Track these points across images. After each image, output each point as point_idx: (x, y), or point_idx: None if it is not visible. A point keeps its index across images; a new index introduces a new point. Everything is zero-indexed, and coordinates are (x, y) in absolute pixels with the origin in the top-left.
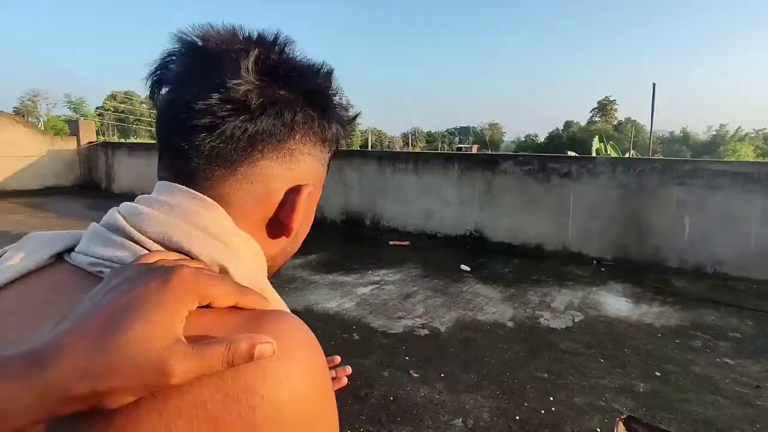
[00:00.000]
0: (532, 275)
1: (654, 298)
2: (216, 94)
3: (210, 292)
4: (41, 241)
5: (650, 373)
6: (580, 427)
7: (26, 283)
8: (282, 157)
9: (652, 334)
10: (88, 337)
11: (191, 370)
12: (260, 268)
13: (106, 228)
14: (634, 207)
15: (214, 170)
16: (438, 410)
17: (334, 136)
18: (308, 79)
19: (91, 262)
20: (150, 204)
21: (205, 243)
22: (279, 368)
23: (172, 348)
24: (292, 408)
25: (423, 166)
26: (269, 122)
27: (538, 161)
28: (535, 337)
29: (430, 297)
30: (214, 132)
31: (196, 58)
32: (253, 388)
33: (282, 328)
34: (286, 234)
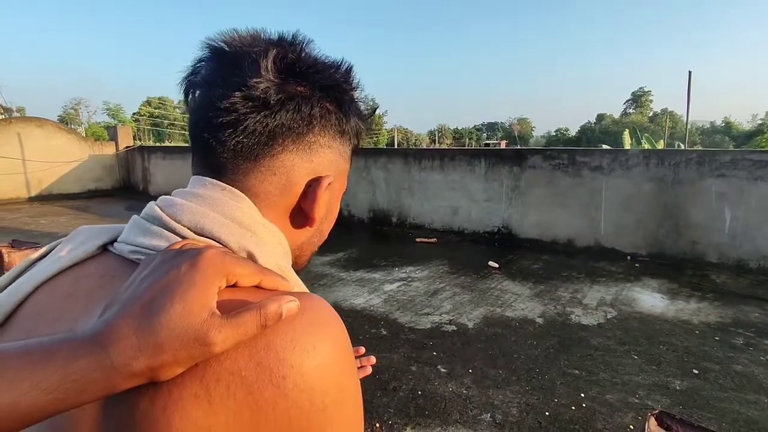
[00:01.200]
0: (562, 271)
1: (692, 294)
2: (238, 93)
3: (235, 271)
4: (89, 233)
5: (687, 370)
6: (612, 424)
7: (78, 270)
8: (302, 149)
9: (689, 330)
10: (135, 321)
11: (230, 337)
12: (284, 256)
13: (146, 219)
14: (669, 200)
15: (239, 164)
16: (466, 405)
17: (353, 130)
18: (325, 74)
19: (131, 250)
20: (184, 196)
21: (233, 231)
22: (306, 340)
23: (209, 321)
24: (319, 378)
25: (449, 162)
26: (288, 116)
27: (567, 155)
28: (565, 334)
29: (457, 293)
30: (238, 128)
31: (221, 62)
32: (283, 358)
33: (308, 305)
34: (309, 224)
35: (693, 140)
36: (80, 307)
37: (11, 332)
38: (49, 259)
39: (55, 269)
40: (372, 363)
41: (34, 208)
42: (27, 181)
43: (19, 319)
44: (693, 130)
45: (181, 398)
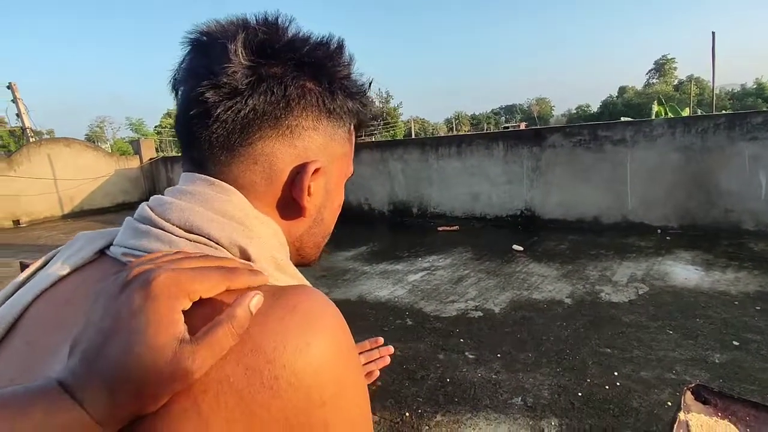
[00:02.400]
0: (590, 250)
1: (728, 264)
2: (206, 82)
3: (194, 287)
4: (87, 239)
5: (727, 342)
6: (648, 402)
7: (77, 276)
8: (283, 134)
9: (727, 302)
10: (101, 372)
11: (206, 359)
12: (281, 247)
13: (137, 220)
14: (699, 169)
15: (218, 155)
16: (496, 390)
17: (343, 109)
18: (302, 51)
19: (123, 252)
20: (174, 194)
21: (223, 225)
22: (298, 338)
23: (180, 351)
24: (315, 375)
25: (466, 148)
26: (261, 100)
27: (588, 131)
28: (595, 313)
29: (482, 279)
30: (210, 119)
31: (197, 53)
32: (273, 359)
33: (300, 300)
34: (302, 213)
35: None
36: (79, 315)
37: (13, 343)
38: (49, 268)
39: (54, 278)
40: (390, 353)
41: (68, 225)
42: (60, 199)
43: (21, 330)
44: (722, 95)
45: (168, 415)
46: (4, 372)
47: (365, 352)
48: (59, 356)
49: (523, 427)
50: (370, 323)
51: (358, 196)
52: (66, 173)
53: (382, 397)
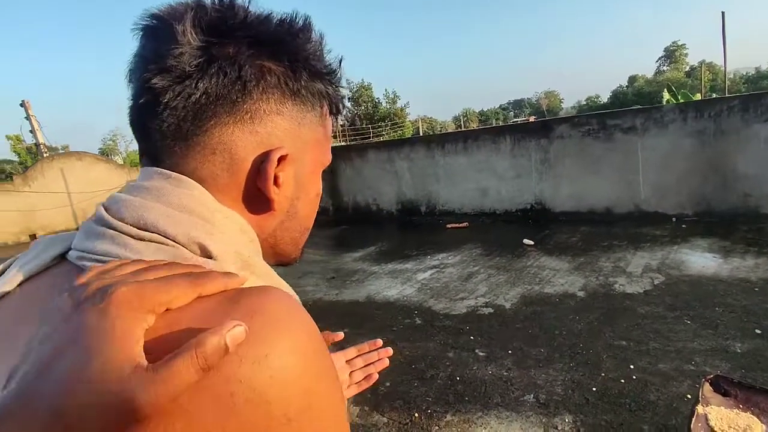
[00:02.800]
0: (602, 241)
1: (747, 251)
2: (153, 66)
3: (160, 299)
4: (46, 243)
5: (749, 331)
6: (666, 394)
7: (32, 284)
8: (240, 119)
9: (748, 289)
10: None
11: (161, 395)
12: (249, 244)
13: (93, 221)
14: (713, 154)
15: (172, 147)
16: (507, 387)
17: (310, 90)
18: (258, 29)
19: (77, 256)
20: (129, 191)
21: (180, 221)
22: (256, 350)
23: (131, 380)
24: (277, 389)
25: (472, 143)
26: (213, 83)
27: (596, 120)
28: (609, 305)
29: (492, 275)
30: (159, 107)
31: (145, 39)
32: (229, 375)
33: (260, 304)
34: (272, 206)
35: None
36: (28, 326)
37: None
38: (6, 276)
39: (9, 287)
40: (389, 354)
41: None
42: (74, 212)
43: None
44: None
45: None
46: None
47: (363, 355)
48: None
49: (536, 424)
50: (378, 323)
51: (366, 197)
52: (79, 186)
53: (391, 398)
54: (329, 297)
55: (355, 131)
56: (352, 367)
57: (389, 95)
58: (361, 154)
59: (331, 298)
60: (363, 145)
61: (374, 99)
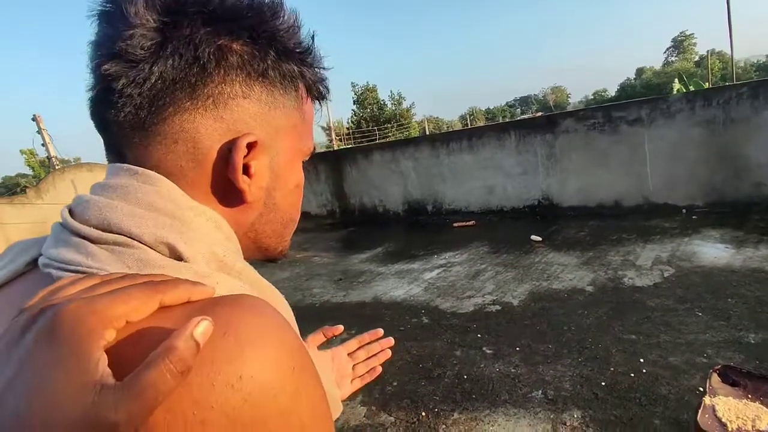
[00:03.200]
0: (611, 235)
1: (761, 240)
2: (103, 51)
3: (117, 312)
4: (20, 248)
5: (762, 322)
6: (677, 388)
7: (3, 293)
8: (203, 105)
9: (762, 279)
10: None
11: (135, 410)
12: (225, 242)
13: (60, 224)
14: (723, 142)
15: (132, 138)
16: (515, 384)
17: (279, 71)
18: (214, 5)
19: (44, 263)
20: (95, 190)
21: (146, 220)
22: (229, 371)
23: (98, 401)
24: (250, 411)
25: (477, 141)
26: (168, 66)
27: (602, 113)
28: (619, 299)
29: (500, 272)
30: (113, 95)
31: (99, 24)
32: (200, 400)
33: (231, 317)
34: (243, 198)
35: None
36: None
37: None
38: None
39: None
40: (390, 345)
41: None
42: None
43: None
44: (747, 67)
45: None
46: None
47: (365, 346)
48: None
49: (544, 420)
50: (385, 324)
51: (372, 198)
52: None
53: (398, 397)
54: (337, 299)
55: (362, 133)
56: (354, 360)
57: (394, 96)
58: (366, 156)
59: (338, 300)
60: (368, 147)
61: (379, 101)
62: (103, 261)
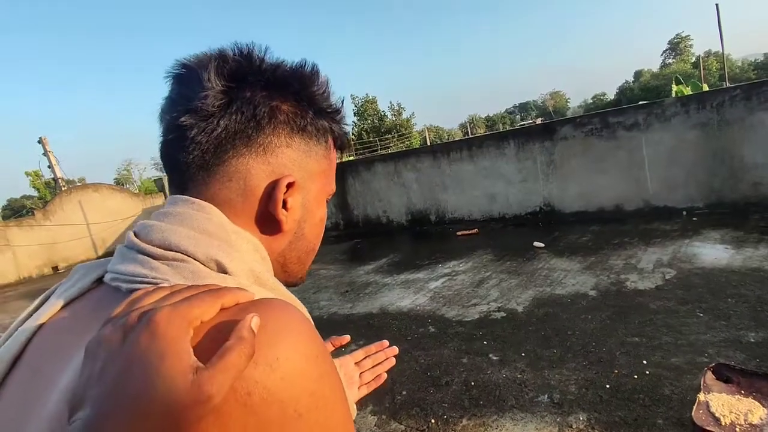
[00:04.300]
0: (613, 239)
1: (761, 239)
2: (181, 108)
3: (194, 314)
4: (86, 270)
5: (762, 320)
6: (680, 388)
7: (76, 305)
8: (255, 151)
9: (762, 278)
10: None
11: (224, 382)
12: (262, 261)
13: (126, 245)
14: (720, 144)
15: (197, 176)
16: (521, 389)
17: (315, 126)
18: (271, 75)
19: (111, 278)
20: (157, 217)
21: (199, 242)
22: (268, 354)
23: (197, 380)
24: (287, 389)
25: (477, 150)
26: (232, 120)
27: (599, 119)
28: (621, 302)
29: (504, 280)
30: (186, 142)
31: (176, 84)
32: (246, 376)
33: (269, 314)
34: (280, 228)
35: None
36: (76, 341)
37: (20, 371)
38: (48, 304)
39: (54, 310)
40: (395, 353)
41: None
42: (93, 242)
43: (26, 357)
44: (745, 67)
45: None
46: (6, 411)
47: (371, 356)
48: (59, 385)
49: (551, 424)
50: (393, 334)
51: (375, 209)
52: (96, 217)
53: (407, 405)
54: (344, 310)
55: (363, 145)
56: (361, 368)
57: (394, 107)
58: (368, 168)
59: (345, 312)
60: (370, 159)
61: (379, 112)
62: (164, 273)
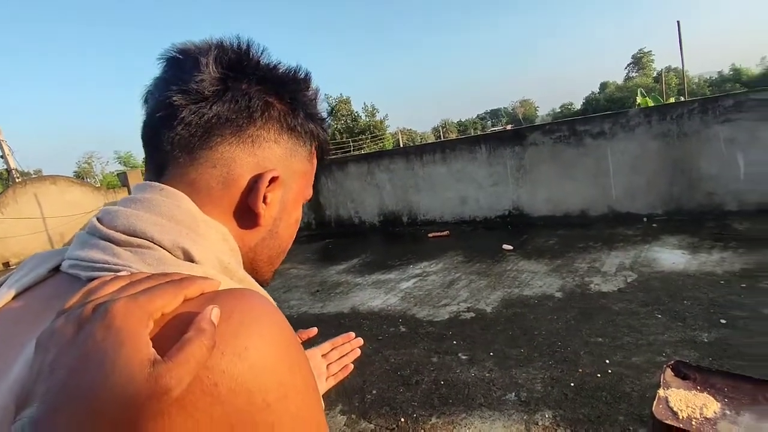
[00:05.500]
0: (578, 243)
1: (714, 246)
2: (175, 87)
3: (155, 305)
4: (41, 258)
5: (715, 321)
6: (640, 386)
7: (28, 295)
8: (243, 142)
9: (714, 282)
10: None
11: (182, 376)
12: (231, 253)
13: (86, 232)
14: (678, 155)
15: (178, 157)
16: (489, 387)
17: (304, 128)
18: (268, 72)
19: (70, 264)
20: (123, 203)
21: (166, 229)
22: (236, 344)
23: (154, 372)
24: (256, 378)
25: (450, 153)
26: (225, 108)
27: (567, 126)
28: (586, 304)
29: (473, 281)
30: (175, 120)
31: (170, 66)
32: (212, 366)
33: (236, 303)
34: (257, 222)
35: (703, 93)
36: (29, 330)
37: None
38: (2, 290)
39: (7, 298)
40: (360, 344)
41: None
42: (49, 237)
43: None
44: (701, 83)
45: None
46: None
47: (338, 348)
48: (10, 376)
49: (518, 422)
50: (364, 333)
51: (348, 210)
52: (54, 211)
53: (377, 405)
54: (314, 310)
55: (336, 145)
56: (327, 360)
57: (368, 108)
58: (341, 168)
59: (315, 311)
60: (344, 159)
61: (353, 112)
62: (127, 260)
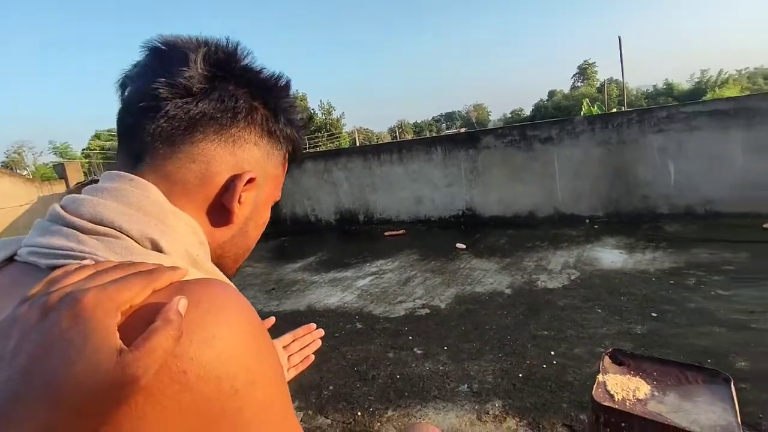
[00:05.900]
0: (526, 243)
1: (647, 246)
2: (162, 79)
3: (123, 297)
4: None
5: (647, 315)
6: (581, 375)
7: None
8: (225, 141)
9: (647, 279)
10: (32, 397)
11: (150, 364)
12: (199, 245)
13: (48, 219)
14: (618, 161)
15: (158, 148)
16: (443, 380)
17: (283, 133)
18: (254, 75)
19: (28, 252)
20: (90, 191)
21: (134, 219)
22: (204, 331)
23: (121, 361)
24: (224, 365)
25: (407, 154)
26: (211, 106)
27: (518, 131)
28: (533, 300)
29: (428, 278)
30: (159, 112)
31: (155, 57)
32: (180, 354)
33: (204, 292)
34: (230, 219)
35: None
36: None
37: None
38: None
39: None
40: (321, 335)
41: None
42: None
43: None
44: (639, 95)
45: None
46: None
47: (299, 339)
48: None
49: (470, 411)
50: (324, 330)
51: (304, 207)
52: None
53: (334, 400)
54: (269, 308)
55: None
56: (289, 351)
57: (324, 106)
58: (298, 165)
59: (271, 309)
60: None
61: (309, 110)
62: (93, 247)
